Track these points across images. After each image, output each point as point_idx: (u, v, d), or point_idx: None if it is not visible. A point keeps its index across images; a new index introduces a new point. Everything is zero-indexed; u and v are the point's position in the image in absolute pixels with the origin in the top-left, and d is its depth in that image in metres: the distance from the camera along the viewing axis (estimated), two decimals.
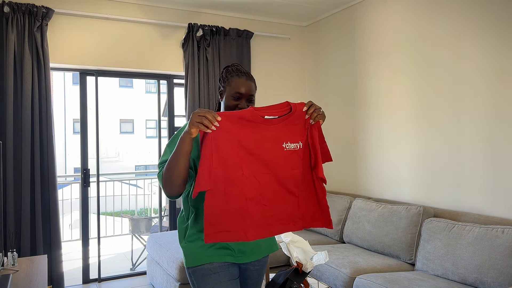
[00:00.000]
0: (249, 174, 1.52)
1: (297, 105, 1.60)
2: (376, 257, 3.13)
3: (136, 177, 10.46)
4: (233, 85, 1.67)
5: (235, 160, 1.51)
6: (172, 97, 4.31)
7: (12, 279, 2.22)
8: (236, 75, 1.68)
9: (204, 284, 1.62)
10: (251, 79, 1.72)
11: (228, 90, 1.68)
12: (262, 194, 1.54)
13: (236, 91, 1.66)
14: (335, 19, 4.34)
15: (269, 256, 3.31)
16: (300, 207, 1.62)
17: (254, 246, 1.71)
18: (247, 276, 1.77)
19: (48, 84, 3.52)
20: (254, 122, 1.54)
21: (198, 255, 1.64)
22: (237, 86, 1.66)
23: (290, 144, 1.59)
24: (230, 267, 1.66)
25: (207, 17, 4.30)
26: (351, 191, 4.13)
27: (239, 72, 1.69)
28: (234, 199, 1.50)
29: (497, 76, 2.79)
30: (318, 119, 1.58)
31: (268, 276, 2.34)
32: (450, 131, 3.12)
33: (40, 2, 3.58)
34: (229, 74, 1.70)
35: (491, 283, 2.44)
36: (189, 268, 1.65)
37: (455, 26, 3.06)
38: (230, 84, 1.68)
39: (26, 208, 3.41)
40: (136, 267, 4.47)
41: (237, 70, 1.70)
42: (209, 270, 1.62)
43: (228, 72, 1.71)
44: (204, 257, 1.63)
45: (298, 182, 1.61)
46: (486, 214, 2.87)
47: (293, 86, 4.77)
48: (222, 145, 1.50)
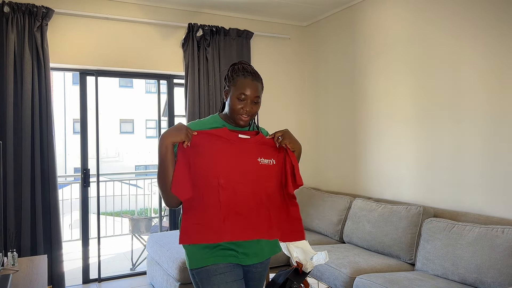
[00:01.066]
0: (225, 183, 1.58)
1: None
2: (376, 257, 3.13)
3: (136, 177, 10.45)
4: (238, 85, 1.63)
5: (213, 169, 1.58)
6: (172, 97, 4.31)
7: (12, 279, 2.22)
8: (242, 75, 1.63)
9: (209, 284, 1.60)
10: (258, 79, 1.67)
11: (233, 90, 1.64)
12: (237, 203, 1.60)
13: (241, 92, 1.62)
14: (335, 19, 4.34)
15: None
16: (270, 219, 1.67)
17: (257, 248, 1.70)
18: (249, 278, 1.76)
19: (48, 84, 3.52)
20: (230, 139, 1.63)
21: (202, 256, 1.62)
22: (243, 87, 1.62)
23: (264, 160, 1.67)
24: (235, 267, 1.65)
25: (207, 17, 4.30)
26: (351, 191, 4.13)
27: (246, 71, 1.64)
28: (211, 205, 1.58)
29: (497, 76, 2.79)
30: (284, 141, 1.67)
31: (268, 276, 2.33)
32: (450, 131, 3.12)
33: (40, 2, 3.58)
34: (235, 73, 1.65)
35: (491, 283, 2.44)
36: (193, 269, 1.64)
37: (455, 26, 3.06)
38: (236, 84, 1.63)
39: (26, 208, 3.41)
40: (136, 267, 4.47)
41: (243, 69, 1.65)
42: (214, 271, 1.61)
43: (234, 71, 1.66)
44: (209, 259, 1.62)
45: (270, 195, 1.67)
46: (486, 214, 2.87)
47: (293, 86, 4.77)
48: (200, 155, 1.59)
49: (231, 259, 1.64)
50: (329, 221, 3.81)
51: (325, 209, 3.93)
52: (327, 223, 3.82)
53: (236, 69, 1.67)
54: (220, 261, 1.62)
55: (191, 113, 4.08)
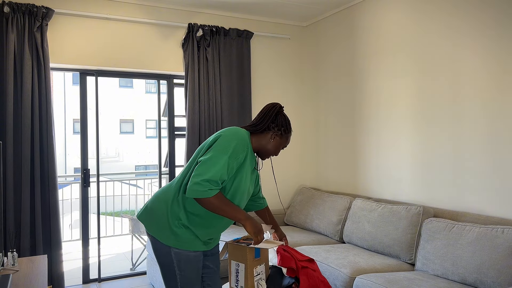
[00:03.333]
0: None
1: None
2: (376, 257, 3.13)
3: (136, 177, 10.44)
4: (288, 139, 2.08)
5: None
6: (172, 97, 4.32)
7: (12, 279, 2.22)
8: (290, 131, 2.07)
9: (187, 267, 1.94)
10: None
11: (283, 140, 2.05)
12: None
13: (286, 145, 2.08)
14: (335, 19, 4.34)
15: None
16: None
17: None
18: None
19: (48, 84, 3.53)
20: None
21: (190, 242, 1.94)
22: (288, 142, 2.08)
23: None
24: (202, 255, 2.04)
25: (207, 17, 4.30)
26: (351, 191, 4.13)
27: (291, 128, 2.19)
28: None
29: (497, 76, 2.79)
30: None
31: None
32: (450, 131, 3.12)
33: (40, 2, 3.58)
34: (289, 128, 2.06)
35: (491, 283, 2.44)
36: (176, 248, 1.92)
37: (455, 26, 3.07)
38: (287, 137, 2.06)
39: (26, 208, 3.41)
40: (136, 267, 4.47)
41: (290, 125, 2.08)
42: (194, 257, 1.96)
43: (289, 123, 2.06)
44: (195, 246, 1.95)
45: None
46: (486, 214, 2.87)
47: (293, 86, 4.78)
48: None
49: (203, 247, 2.01)
50: (329, 221, 3.81)
51: (325, 209, 3.93)
52: (327, 223, 3.82)
53: (289, 121, 2.06)
54: (200, 249, 1.99)
55: (191, 113, 4.08)
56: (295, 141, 4.78)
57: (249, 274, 2.15)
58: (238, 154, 1.88)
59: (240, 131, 1.95)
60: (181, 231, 1.91)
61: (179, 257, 1.92)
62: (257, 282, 2.20)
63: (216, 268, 2.20)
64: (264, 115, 2.02)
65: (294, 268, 2.28)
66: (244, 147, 1.91)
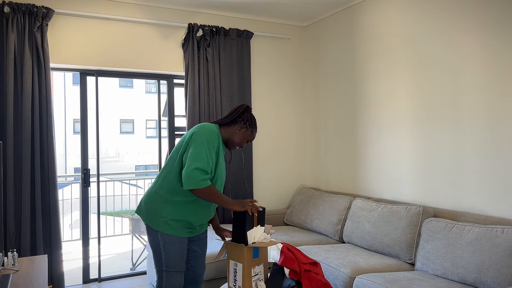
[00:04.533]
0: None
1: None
2: (376, 257, 3.13)
3: (136, 177, 10.44)
4: (253, 133, 2.35)
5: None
6: (172, 97, 4.32)
7: (12, 279, 2.22)
8: (255, 128, 2.36)
9: (171, 249, 2.21)
10: None
11: (248, 133, 2.33)
12: None
13: (251, 139, 2.36)
14: (335, 19, 4.34)
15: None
16: None
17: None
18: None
19: (48, 84, 3.53)
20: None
21: (175, 229, 2.22)
22: (253, 136, 2.36)
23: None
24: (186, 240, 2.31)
25: (207, 17, 4.30)
26: (351, 191, 4.13)
27: (256, 127, 2.38)
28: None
29: (497, 76, 2.79)
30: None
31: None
32: (450, 131, 3.12)
33: (40, 2, 3.58)
34: (255, 124, 2.35)
35: (490, 283, 2.44)
36: (162, 233, 2.21)
37: (455, 26, 3.07)
38: (252, 131, 2.35)
39: (26, 208, 3.41)
40: (136, 267, 4.47)
41: (256, 125, 2.37)
42: (178, 241, 2.22)
43: (254, 120, 2.35)
44: (180, 233, 2.23)
45: None
46: (486, 214, 2.88)
47: (293, 86, 4.78)
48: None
49: (189, 234, 2.29)
50: (329, 221, 3.81)
51: (325, 209, 3.93)
52: (327, 223, 3.82)
53: (254, 119, 2.35)
54: (184, 235, 2.26)
55: (191, 113, 4.08)
56: (295, 141, 4.78)
57: (247, 274, 2.16)
58: (214, 143, 2.17)
59: (209, 125, 2.24)
60: (167, 219, 2.20)
61: (165, 240, 2.21)
62: (255, 282, 2.21)
63: (202, 252, 2.45)
64: (233, 111, 2.34)
65: (297, 270, 2.28)
66: (215, 137, 2.20)
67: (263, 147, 4.60)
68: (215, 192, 2.13)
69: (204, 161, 2.09)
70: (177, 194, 2.22)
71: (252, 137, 2.35)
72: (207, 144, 2.14)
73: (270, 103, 4.64)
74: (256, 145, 4.55)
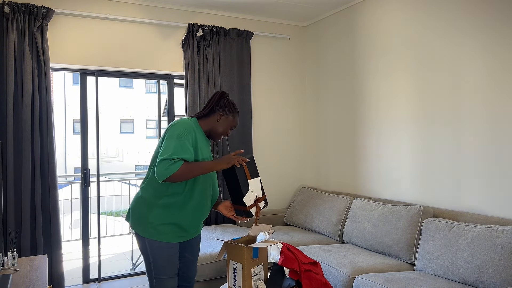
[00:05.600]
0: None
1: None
2: (376, 257, 3.13)
3: (136, 177, 10.44)
4: (235, 119, 2.23)
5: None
6: (172, 97, 4.32)
7: (12, 279, 2.22)
8: (237, 112, 2.25)
9: (159, 255, 2.12)
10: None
11: (230, 120, 2.22)
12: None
13: (234, 125, 2.24)
14: (335, 19, 4.34)
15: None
16: None
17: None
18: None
19: (48, 84, 3.53)
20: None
21: (163, 235, 2.11)
22: (236, 122, 2.25)
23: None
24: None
25: (207, 17, 4.30)
26: (351, 191, 4.14)
27: (237, 110, 2.26)
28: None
29: (497, 76, 2.79)
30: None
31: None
32: (450, 131, 3.12)
33: (40, 2, 3.58)
34: (235, 109, 2.23)
35: (490, 283, 2.44)
36: (150, 239, 2.11)
37: (455, 25, 3.07)
38: (234, 117, 2.23)
39: (26, 208, 3.41)
40: (136, 267, 4.47)
41: (237, 108, 2.25)
42: (166, 247, 2.13)
43: (234, 105, 2.24)
44: (168, 238, 2.13)
45: None
46: (486, 214, 2.88)
47: (293, 86, 4.78)
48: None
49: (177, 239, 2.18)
50: (329, 221, 3.81)
51: (325, 209, 3.93)
52: (327, 223, 3.82)
53: (234, 103, 2.24)
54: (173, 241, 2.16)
55: (191, 113, 4.08)
56: (295, 141, 4.78)
57: (247, 274, 2.16)
58: (187, 135, 2.06)
59: (183, 119, 2.14)
60: (155, 224, 2.10)
61: (152, 246, 2.12)
62: (255, 282, 2.20)
63: (193, 257, 2.34)
64: (209, 101, 2.24)
65: (297, 270, 2.28)
66: (189, 129, 2.09)
67: (263, 147, 4.60)
68: (194, 166, 2.00)
69: (170, 151, 1.98)
70: (162, 196, 2.10)
71: (234, 122, 2.23)
72: (177, 136, 2.03)
73: (270, 103, 4.64)
74: (256, 145, 4.55)
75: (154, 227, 2.10)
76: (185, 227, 2.16)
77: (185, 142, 2.03)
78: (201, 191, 2.17)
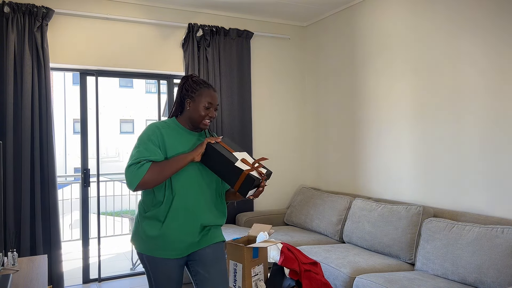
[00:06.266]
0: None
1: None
2: (376, 257, 3.13)
3: None
4: (204, 95, 1.91)
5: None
6: (172, 97, 4.32)
7: (12, 279, 2.22)
8: (205, 87, 1.92)
9: (156, 272, 1.92)
10: (215, 90, 2.00)
11: (199, 100, 1.90)
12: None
13: (208, 101, 1.90)
14: (335, 19, 4.34)
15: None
16: None
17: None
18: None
19: (48, 84, 3.53)
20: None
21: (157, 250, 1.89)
22: (208, 96, 1.91)
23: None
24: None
25: (207, 17, 4.30)
26: (351, 191, 4.13)
27: (206, 83, 1.95)
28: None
29: (497, 76, 2.79)
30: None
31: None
32: (450, 131, 3.12)
33: (40, 2, 3.58)
34: (198, 86, 1.92)
35: (490, 283, 2.44)
36: (145, 254, 1.91)
37: (455, 26, 3.07)
38: (201, 94, 1.91)
39: (26, 208, 3.41)
40: (136, 267, 4.47)
41: (204, 82, 1.94)
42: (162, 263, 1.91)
43: (196, 83, 1.93)
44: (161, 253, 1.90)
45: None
46: (486, 214, 2.88)
47: (293, 86, 4.77)
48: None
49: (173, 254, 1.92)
50: (329, 221, 3.81)
51: (325, 209, 3.93)
52: (327, 223, 3.82)
53: (197, 81, 1.93)
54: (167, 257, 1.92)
55: None
56: (295, 141, 4.78)
57: (247, 274, 2.15)
58: (149, 136, 1.87)
59: (149, 125, 1.95)
60: (144, 238, 1.90)
61: (148, 261, 1.92)
62: (255, 282, 2.20)
63: (208, 275, 1.93)
64: (175, 96, 2.01)
65: (297, 270, 2.28)
66: (150, 130, 1.89)
67: (263, 147, 4.59)
68: (163, 163, 1.80)
69: (134, 156, 1.82)
70: (149, 207, 1.91)
71: (206, 99, 1.91)
72: (139, 142, 1.87)
73: (270, 103, 4.64)
74: (256, 145, 4.54)
75: (145, 241, 1.90)
76: (175, 238, 1.87)
77: (148, 144, 1.84)
78: (194, 194, 1.89)
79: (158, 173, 1.78)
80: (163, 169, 1.78)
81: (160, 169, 1.78)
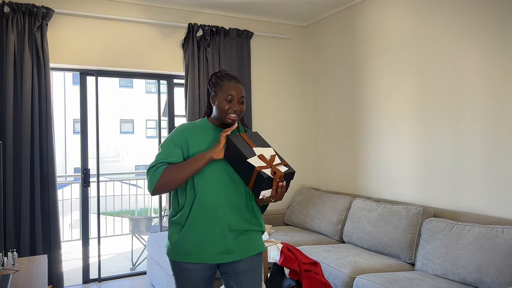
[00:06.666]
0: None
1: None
2: (376, 257, 3.13)
3: (136, 177, 10.44)
4: (224, 88, 1.81)
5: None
6: (172, 97, 4.32)
7: (12, 279, 2.22)
8: (226, 79, 1.83)
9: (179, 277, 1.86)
10: (241, 82, 1.87)
11: (220, 94, 1.81)
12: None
13: (228, 94, 1.79)
14: (335, 19, 4.34)
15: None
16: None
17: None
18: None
19: (48, 84, 3.53)
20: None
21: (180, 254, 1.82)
22: (229, 89, 1.81)
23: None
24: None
25: (207, 17, 4.30)
26: (351, 191, 4.13)
27: (229, 76, 1.85)
28: None
29: (497, 76, 2.79)
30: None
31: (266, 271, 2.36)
32: (450, 131, 3.12)
33: (40, 2, 3.58)
34: (219, 79, 1.84)
35: (490, 283, 2.44)
36: (169, 258, 1.86)
37: (455, 26, 3.07)
38: (222, 87, 1.82)
39: (26, 208, 3.41)
40: (136, 267, 4.47)
41: (226, 75, 1.85)
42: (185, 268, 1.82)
43: (218, 77, 1.86)
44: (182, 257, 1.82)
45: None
46: (486, 214, 2.87)
47: (293, 86, 4.77)
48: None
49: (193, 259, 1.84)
50: (329, 221, 3.81)
51: (325, 209, 3.93)
52: (327, 223, 3.82)
53: (219, 75, 1.86)
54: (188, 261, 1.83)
55: (191, 113, 4.08)
56: (295, 141, 4.78)
57: None
58: (173, 138, 1.82)
59: (198, 120, 1.92)
60: (169, 242, 1.85)
61: (173, 266, 1.86)
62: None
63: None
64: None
65: (297, 270, 2.28)
66: (176, 131, 1.84)
67: None
68: (179, 165, 1.72)
69: (154, 160, 1.79)
70: (176, 211, 1.86)
71: (227, 92, 1.79)
72: (161, 146, 1.84)
73: (270, 103, 4.64)
74: None
75: (169, 246, 1.84)
76: (196, 240, 1.77)
77: (169, 145, 1.80)
78: (217, 193, 1.77)
79: (175, 174, 1.71)
80: (178, 171, 1.71)
81: (175, 171, 1.71)
